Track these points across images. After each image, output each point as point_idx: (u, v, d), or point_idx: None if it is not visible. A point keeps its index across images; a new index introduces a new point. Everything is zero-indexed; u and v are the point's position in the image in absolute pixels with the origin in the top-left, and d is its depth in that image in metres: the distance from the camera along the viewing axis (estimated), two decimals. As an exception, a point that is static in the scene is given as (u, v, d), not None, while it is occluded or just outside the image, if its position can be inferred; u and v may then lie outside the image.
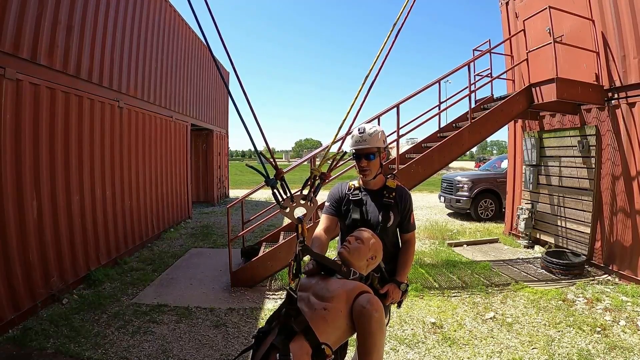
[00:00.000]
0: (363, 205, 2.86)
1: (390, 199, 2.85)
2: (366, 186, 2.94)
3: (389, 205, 2.83)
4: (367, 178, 2.87)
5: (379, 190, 2.92)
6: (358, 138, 2.79)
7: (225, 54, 1.94)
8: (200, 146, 16.67)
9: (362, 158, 2.80)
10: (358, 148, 2.80)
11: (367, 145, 2.77)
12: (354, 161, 2.88)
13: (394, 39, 2.18)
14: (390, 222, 2.81)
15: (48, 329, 4.80)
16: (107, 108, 7.31)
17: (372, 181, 2.91)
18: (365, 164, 2.80)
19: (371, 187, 2.93)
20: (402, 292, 2.78)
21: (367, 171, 2.82)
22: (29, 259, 5.19)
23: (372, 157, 2.80)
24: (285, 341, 1.86)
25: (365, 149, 2.79)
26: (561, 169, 8.26)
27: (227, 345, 4.60)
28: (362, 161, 2.81)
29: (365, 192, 2.91)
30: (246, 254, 7.27)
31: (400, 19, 2.15)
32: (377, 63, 2.18)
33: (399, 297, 2.77)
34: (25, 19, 5.14)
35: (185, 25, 12.31)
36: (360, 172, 2.86)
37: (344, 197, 2.93)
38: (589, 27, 7.19)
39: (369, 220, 2.80)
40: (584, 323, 5.05)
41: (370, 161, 2.80)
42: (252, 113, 1.98)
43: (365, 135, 2.78)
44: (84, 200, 6.53)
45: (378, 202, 2.85)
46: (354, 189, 2.93)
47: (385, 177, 2.98)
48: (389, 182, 2.94)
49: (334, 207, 2.94)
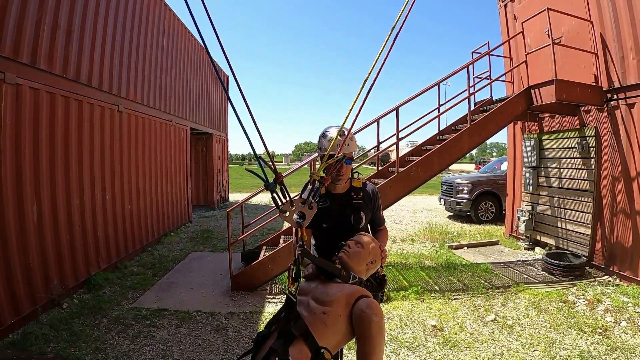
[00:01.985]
0: (331, 211, 2.76)
1: (359, 200, 2.81)
2: (332, 191, 2.84)
3: (359, 206, 2.79)
4: (341, 183, 2.78)
5: (346, 192, 2.84)
6: (340, 142, 2.55)
7: (224, 58, 1.95)
8: (200, 150, 16.67)
9: (342, 163, 2.66)
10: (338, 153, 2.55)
11: (349, 150, 2.68)
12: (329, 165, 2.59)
13: (393, 42, 2.17)
14: (362, 223, 2.77)
15: (48, 334, 4.78)
16: (107, 112, 7.32)
17: (339, 185, 2.82)
18: (344, 168, 2.71)
19: (338, 190, 2.84)
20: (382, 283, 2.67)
21: (343, 176, 2.74)
22: (29, 263, 5.19)
23: (349, 161, 2.72)
24: (285, 345, 1.86)
25: (348, 153, 2.69)
26: (561, 170, 8.26)
27: (227, 350, 4.59)
28: (343, 166, 2.69)
29: (332, 198, 2.82)
30: (246, 258, 7.26)
31: (399, 22, 2.15)
32: (376, 66, 2.18)
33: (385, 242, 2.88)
34: (25, 23, 5.15)
35: (184, 29, 12.33)
36: (335, 176, 2.72)
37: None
38: (588, 28, 7.20)
39: (340, 226, 2.74)
40: (585, 324, 5.04)
41: (348, 166, 2.73)
42: (251, 117, 1.98)
43: (347, 139, 2.61)
44: (84, 205, 6.52)
45: (347, 205, 2.79)
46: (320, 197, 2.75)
47: (350, 178, 2.89)
48: (355, 182, 2.89)
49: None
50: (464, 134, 7.23)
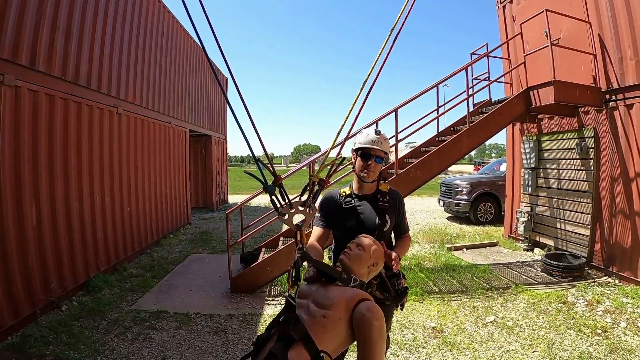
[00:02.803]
0: (357, 211, 2.82)
1: (385, 203, 2.84)
2: (360, 192, 2.90)
3: (385, 209, 2.82)
4: (367, 179, 2.82)
5: (372, 195, 2.89)
6: (375, 138, 2.78)
7: (223, 61, 1.95)
8: (199, 152, 16.67)
9: (371, 158, 2.78)
10: (372, 147, 2.78)
11: (380, 147, 2.78)
12: (359, 159, 2.83)
13: (392, 43, 2.18)
14: (387, 226, 2.80)
15: (47, 336, 4.77)
16: (106, 114, 7.31)
17: (366, 186, 2.88)
18: (373, 165, 2.78)
19: (365, 192, 2.90)
20: (404, 294, 2.75)
21: (370, 172, 2.79)
22: (29, 265, 5.18)
23: (380, 160, 2.80)
24: (284, 349, 1.85)
25: (378, 150, 2.78)
26: (560, 171, 8.26)
27: (227, 352, 4.58)
28: (371, 160, 2.78)
29: (358, 198, 2.88)
30: (246, 260, 7.26)
31: (398, 24, 2.15)
32: (376, 67, 2.18)
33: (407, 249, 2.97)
34: (23, 25, 5.14)
35: (183, 32, 12.32)
36: (362, 170, 2.81)
37: (337, 205, 2.87)
38: (586, 29, 7.21)
39: (365, 226, 2.76)
40: (585, 325, 5.04)
41: (377, 164, 2.79)
42: (249, 119, 1.98)
43: (381, 137, 2.80)
44: (83, 207, 6.51)
45: (373, 207, 2.82)
46: (345, 197, 2.89)
47: (377, 182, 2.94)
48: (382, 186, 2.93)
49: (324, 219, 2.88)
50: (463, 136, 7.24)
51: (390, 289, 2.66)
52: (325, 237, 2.88)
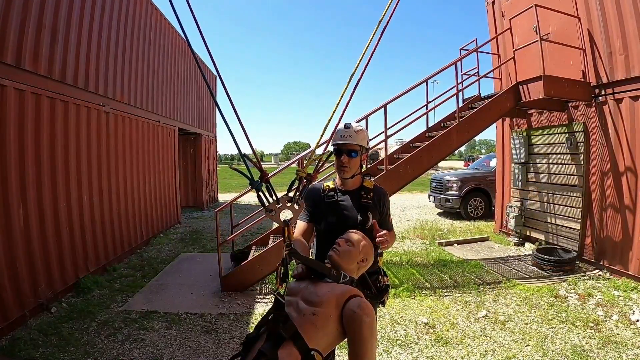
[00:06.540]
0: (339, 206, 2.75)
1: (368, 200, 2.76)
2: (343, 187, 2.82)
3: (367, 206, 2.73)
4: (344, 176, 2.75)
5: (356, 190, 2.81)
6: (343, 132, 2.69)
7: (210, 61, 1.92)
8: (188, 150, 16.55)
9: (343, 154, 2.69)
10: (340, 143, 2.69)
11: (350, 141, 2.68)
12: (335, 157, 2.75)
13: (380, 37, 2.15)
14: (369, 224, 2.69)
15: (37, 339, 4.71)
16: (94, 113, 7.21)
17: (349, 181, 2.79)
18: (346, 161, 2.69)
19: (348, 187, 2.81)
20: (385, 291, 2.67)
21: (345, 168, 2.71)
22: (16, 267, 5.09)
23: (354, 154, 2.70)
24: (274, 348, 1.82)
25: (349, 144, 2.69)
26: (550, 166, 8.31)
27: (218, 351, 4.55)
28: (342, 157, 2.69)
29: (341, 193, 2.80)
30: (236, 258, 7.23)
31: (385, 16, 2.12)
32: (363, 61, 2.15)
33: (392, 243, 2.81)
34: (9, 23, 5.05)
35: (172, 29, 12.21)
36: (338, 168, 2.75)
37: (318, 199, 2.80)
38: (575, 24, 7.24)
39: (346, 223, 2.66)
40: (577, 319, 5.07)
41: (352, 158, 2.70)
42: (236, 116, 1.94)
43: (350, 130, 2.69)
44: (71, 207, 6.42)
45: (356, 203, 2.74)
46: (328, 190, 2.81)
47: (362, 177, 2.87)
48: (366, 182, 2.85)
49: (308, 212, 2.81)
50: (453, 131, 7.25)
51: (372, 286, 2.59)
52: (310, 231, 2.81)
